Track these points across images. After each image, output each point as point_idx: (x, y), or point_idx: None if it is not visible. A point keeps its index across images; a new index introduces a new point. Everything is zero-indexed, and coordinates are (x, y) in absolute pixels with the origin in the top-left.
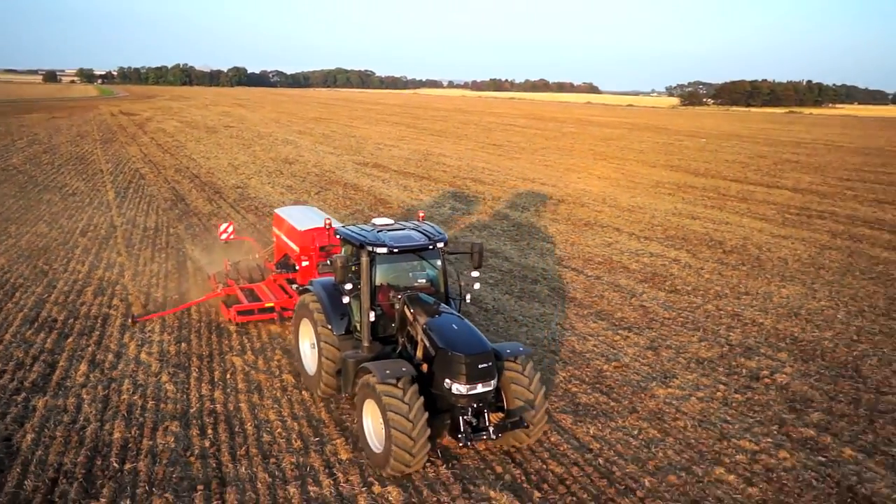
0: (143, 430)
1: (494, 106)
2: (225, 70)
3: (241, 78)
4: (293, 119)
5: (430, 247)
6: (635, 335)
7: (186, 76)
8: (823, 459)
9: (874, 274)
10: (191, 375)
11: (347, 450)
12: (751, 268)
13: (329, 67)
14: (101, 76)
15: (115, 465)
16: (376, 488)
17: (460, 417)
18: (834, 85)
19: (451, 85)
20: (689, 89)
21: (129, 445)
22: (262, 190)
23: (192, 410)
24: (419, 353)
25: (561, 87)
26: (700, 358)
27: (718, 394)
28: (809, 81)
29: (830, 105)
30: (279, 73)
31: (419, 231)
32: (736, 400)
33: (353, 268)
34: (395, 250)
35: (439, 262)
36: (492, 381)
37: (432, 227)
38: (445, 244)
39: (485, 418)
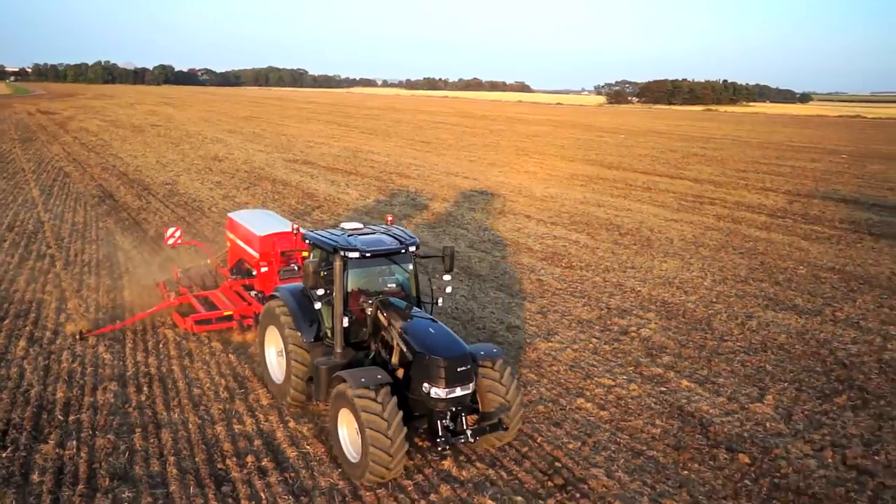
0: (84, 390)
1: (427, 104)
2: (150, 68)
3: (167, 76)
4: (223, 118)
5: (402, 251)
6: (528, 303)
7: (109, 74)
8: (664, 389)
9: (744, 250)
10: (126, 346)
11: (268, 397)
12: (640, 247)
13: (261, 66)
14: (13, 73)
15: (59, 417)
16: (291, 424)
17: (438, 422)
18: (747, 85)
19: (385, 84)
20: (616, 88)
21: (72, 402)
22: (191, 186)
23: (128, 374)
24: (395, 359)
25: (494, 86)
26: (581, 319)
27: (591, 346)
28: (725, 81)
29: (744, 103)
30: (208, 72)
31: (390, 235)
32: (604, 350)
33: (323, 273)
34: (368, 255)
35: (411, 266)
36: (470, 385)
37: (403, 230)
38: (417, 248)
39: (462, 421)
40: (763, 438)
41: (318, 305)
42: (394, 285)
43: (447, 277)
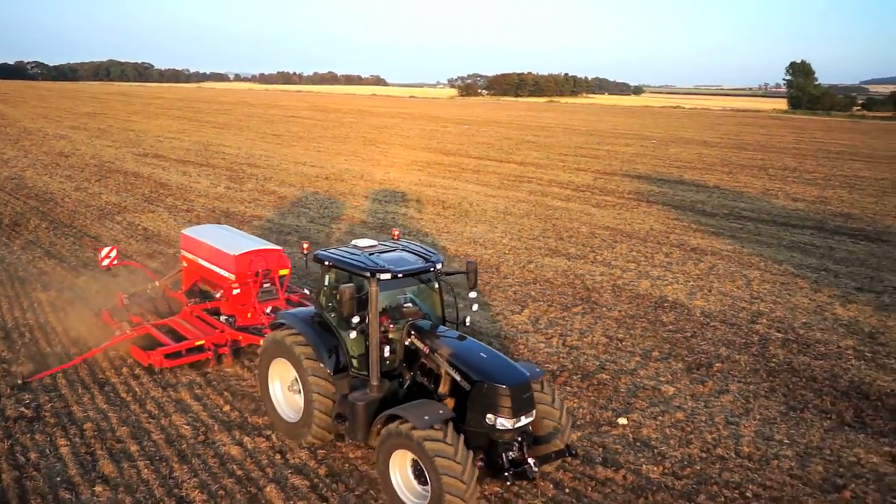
0: None
1: (281, 99)
2: None
3: None
4: (63, 114)
5: (430, 269)
6: None
7: None
8: (450, 311)
9: (543, 216)
10: (2, 308)
11: None
12: (458, 217)
13: (100, 59)
14: None
15: None
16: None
17: (503, 454)
18: (587, 78)
19: (237, 78)
20: (468, 81)
21: None
22: (39, 180)
23: (9, 325)
24: (444, 388)
25: (349, 80)
26: None
27: None
28: (567, 74)
29: (584, 95)
30: (40, 65)
31: (410, 252)
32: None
33: (337, 296)
34: (400, 275)
35: (436, 285)
36: (533, 412)
37: (422, 246)
38: (442, 265)
39: (524, 451)
40: (514, 335)
41: (353, 335)
42: (410, 305)
43: (473, 294)
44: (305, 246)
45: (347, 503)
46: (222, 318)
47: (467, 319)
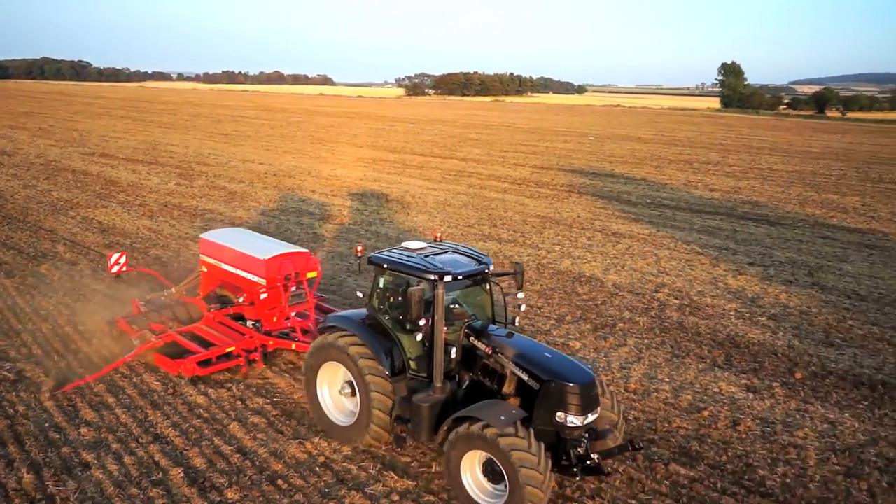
0: None
1: (227, 98)
2: None
3: None
4: None
5: (485, 270)
6: (305, 245)
7: None
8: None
9: (480, 207)
10: None
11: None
12: (400, 208)
13: (33, 57)
14: None
15: None
16: None
17: (571, 451)
18: (532, 77)
19: (181, 77)
20: (416, 81)
21: None
22: None
23: None
24: (509, 388)
25: (296, 80)
26: (339, 253)
27: (343, 268)
28: (512, 74)
29: (529, 94)
30: None
31: (459, 253)
32: (354, 271)
33: (391, 299)
34: (459, 277)
35: (487, 286)
36: (598, 409)
37: (468, 247)
38: (492, 266)
39: (588, 447)
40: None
41: (419, 337)
42: (457, 306)
43: (521, 295)
44: (359, 248)
45: (299, 434)
46: (249, 323)
47: (516, 319)
